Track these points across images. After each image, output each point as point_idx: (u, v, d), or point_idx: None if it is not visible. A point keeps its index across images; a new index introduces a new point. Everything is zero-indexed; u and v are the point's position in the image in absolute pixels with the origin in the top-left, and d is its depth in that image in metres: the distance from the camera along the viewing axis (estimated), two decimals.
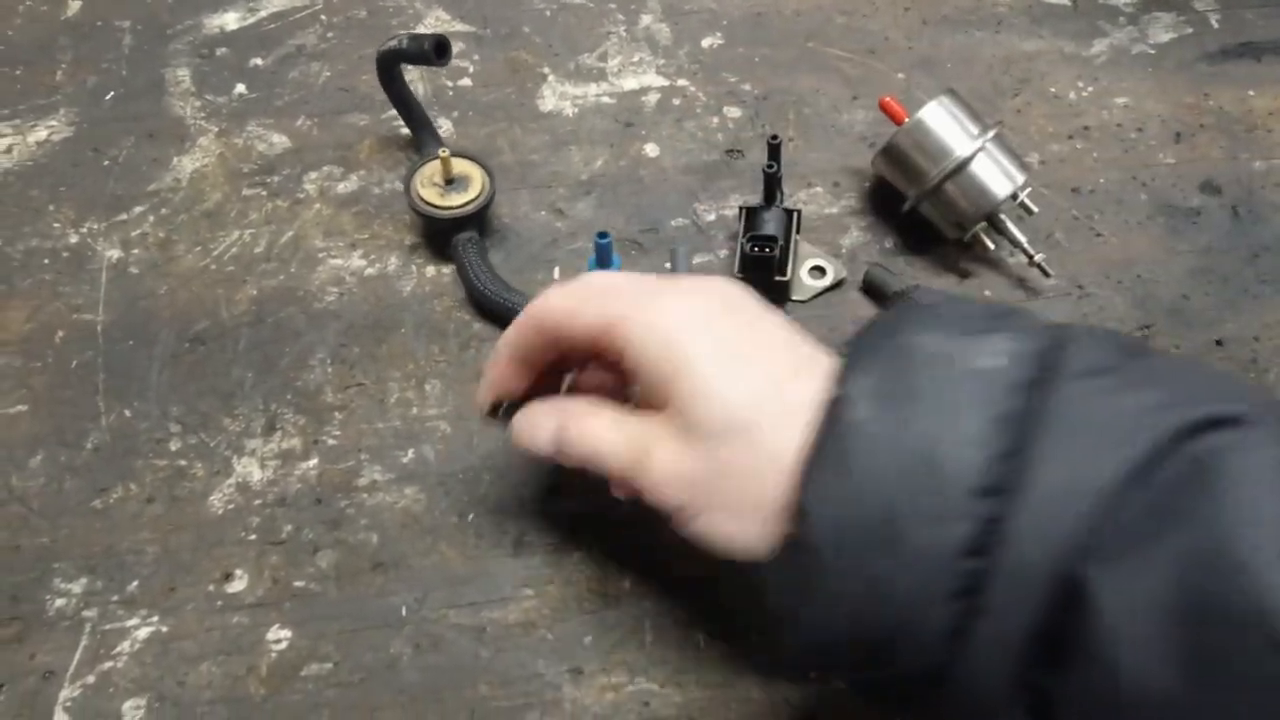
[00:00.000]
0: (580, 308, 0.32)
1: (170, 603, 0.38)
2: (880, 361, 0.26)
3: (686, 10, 0.59)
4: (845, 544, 0.24)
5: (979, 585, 0.23)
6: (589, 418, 0.32)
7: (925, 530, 0.23)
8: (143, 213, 0.50)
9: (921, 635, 0.24)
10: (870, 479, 0.24)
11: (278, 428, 0.43)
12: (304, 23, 0.58)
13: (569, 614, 0.38)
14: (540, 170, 0.51)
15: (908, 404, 0.25)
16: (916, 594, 0.24)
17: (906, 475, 0.24)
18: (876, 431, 0.25)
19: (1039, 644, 0.23)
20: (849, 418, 0.25)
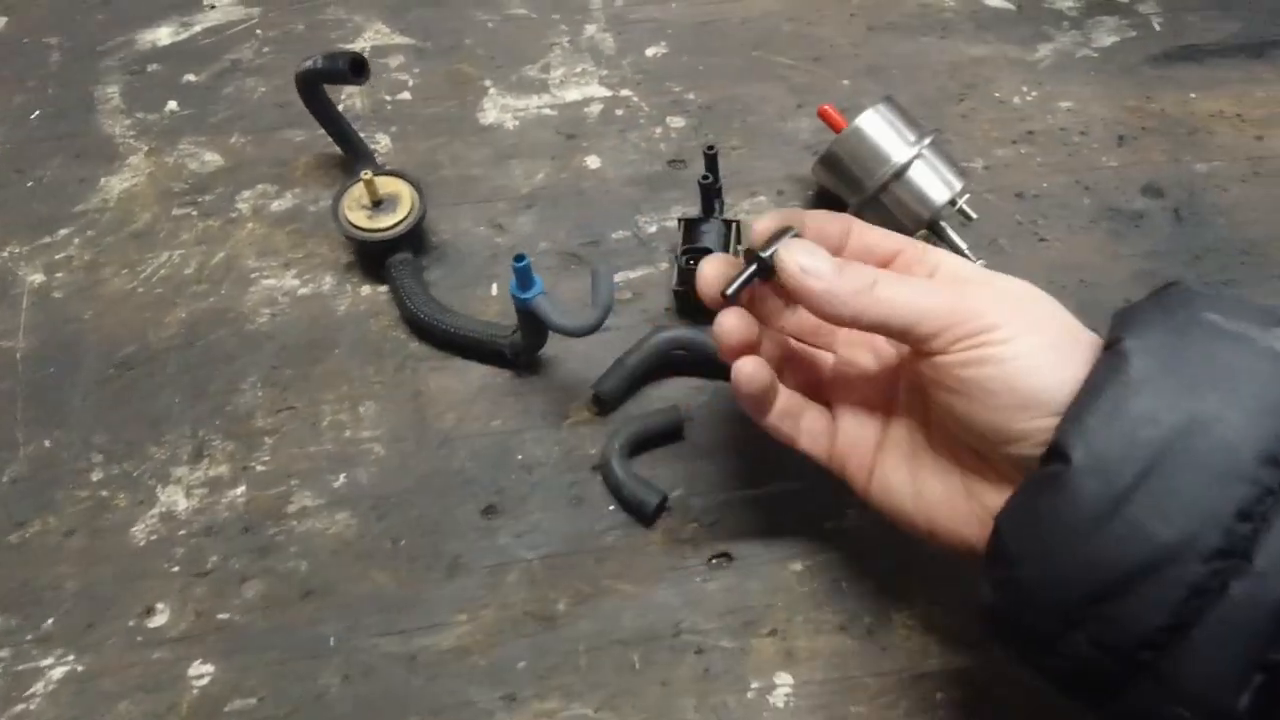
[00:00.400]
0: None
1: (89, 640, 0.37)
2: (1163, 329, 0.27)
3: (631, 20, 0.58)
4: (1110, 487, 0.24)
5: (1243, 550, 0.23)
6: (900, 281, 0.32)
7: (1201, 487, 0.24)
8: (68, 235, 0.48)
9: (1168, 587, 0.24)
10: (1147, 431, 0.25)
11: (206, 454, 0.42)
12: (240, 38, 0.57)
13: (504, 638, 0.37)
14: (481, 185, 0.51)
15: (1199, 368, 0.25)
16: (1177, 545, 0.24)
17: (1188, 433, 0.24)
18: (1160, 387, 0.25)
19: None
20: (1128, 371, 0.26)
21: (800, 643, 0.37)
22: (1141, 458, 0.25)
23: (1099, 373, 0.27)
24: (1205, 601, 0.24)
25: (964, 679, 0.36)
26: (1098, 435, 0.25)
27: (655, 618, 0.38)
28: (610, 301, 0.37)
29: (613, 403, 0.43)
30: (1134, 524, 0.24)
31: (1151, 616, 0.24)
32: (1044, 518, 0.26)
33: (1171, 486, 0.24)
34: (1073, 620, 0.26)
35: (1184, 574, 0.24)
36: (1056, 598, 0.26)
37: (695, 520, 0.40)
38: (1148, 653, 0.24)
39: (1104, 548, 0.25)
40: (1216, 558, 0.23)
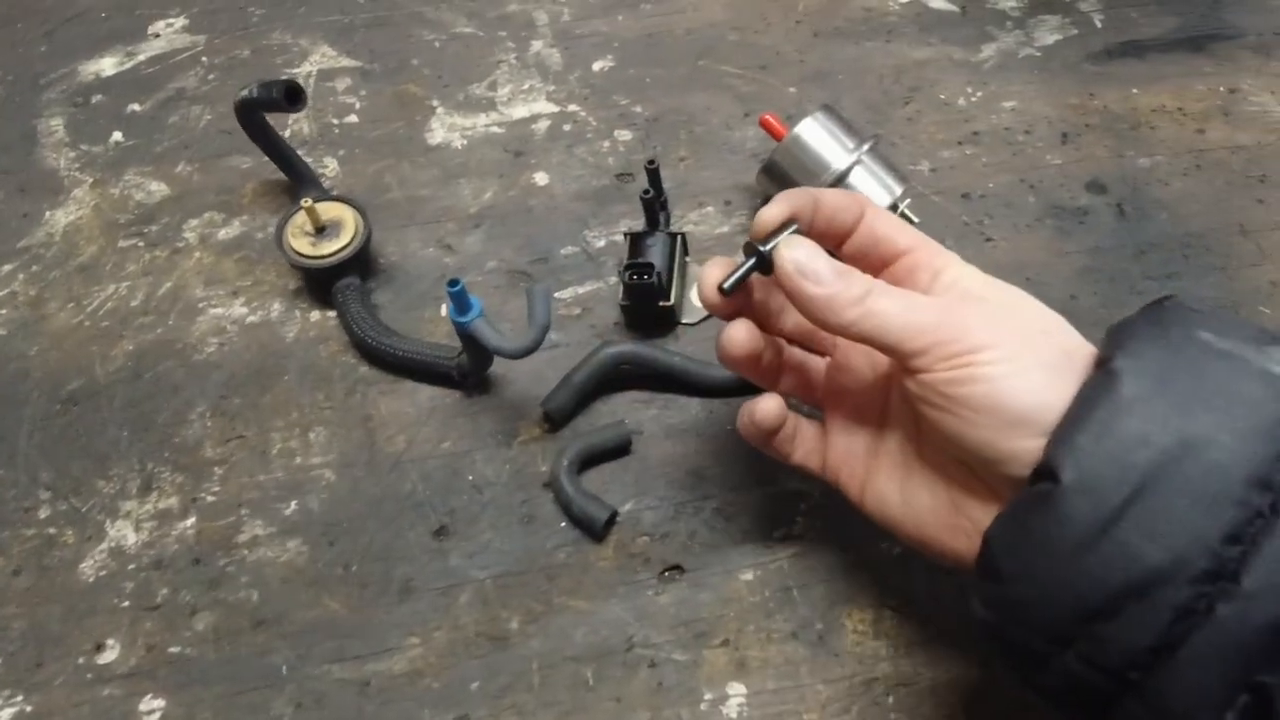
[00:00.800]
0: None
1: (37, 679, 0.37)
2: (1156, 348, 0.27)
3: (578, 34, 0.58)
4: (1100, 508, 0.24)
5: (1231, 572, 0.23)
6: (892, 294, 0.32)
7: (1191, 509, 0.24)
8: (12, 270, 0.48)
9: (1157, 609, 0.24)
10: (1138, 452, 0.25)
11: (154, 487, 0.42)
12: (184, 65, 0.57)
13: (456, 660, 0.37)
14: (429, 205, 0.51)
15: (1191, 389, 0.25)
16: (1165, 568, 0.24)
17: (1179, 455, 0.24)
18: (1151, 409, 0.25)
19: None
20: (1119, 391, 0.26)
21: (752, 652, 0.37)
22: (1132, 479, 0.24)
23: (1090, 391, 0.27)
24: (1192, 623, 0.24)
25: (914, 682, 0.37)
26: (1088, 455, 0.25)
27: (608, 633, 0.38)
28: (547, 320, 0.37)
29: (562, 419, 0.43)
30: (1123, 545, 0.24)
31: (1139, 637, 0.24)
32: (1034, 537, 0.26)
33: (1161, 508, 0.24)
34: (1063, 639, 0.26)
35: (1172, 596, 0.24)
36: (1047, 617, 0.26)
37: (646, 534, 0.40)
38: (1135, 673, 0.25)
39: (1093, 568, 0.25)
40: (1204, 580, 0.23)
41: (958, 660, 0.37)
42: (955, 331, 0.29)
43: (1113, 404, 0.25)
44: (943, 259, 0.33)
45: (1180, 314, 0.28)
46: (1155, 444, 0.25)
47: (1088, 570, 0.25)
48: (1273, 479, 0.24)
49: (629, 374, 0.44)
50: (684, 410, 0.44)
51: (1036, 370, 0.28)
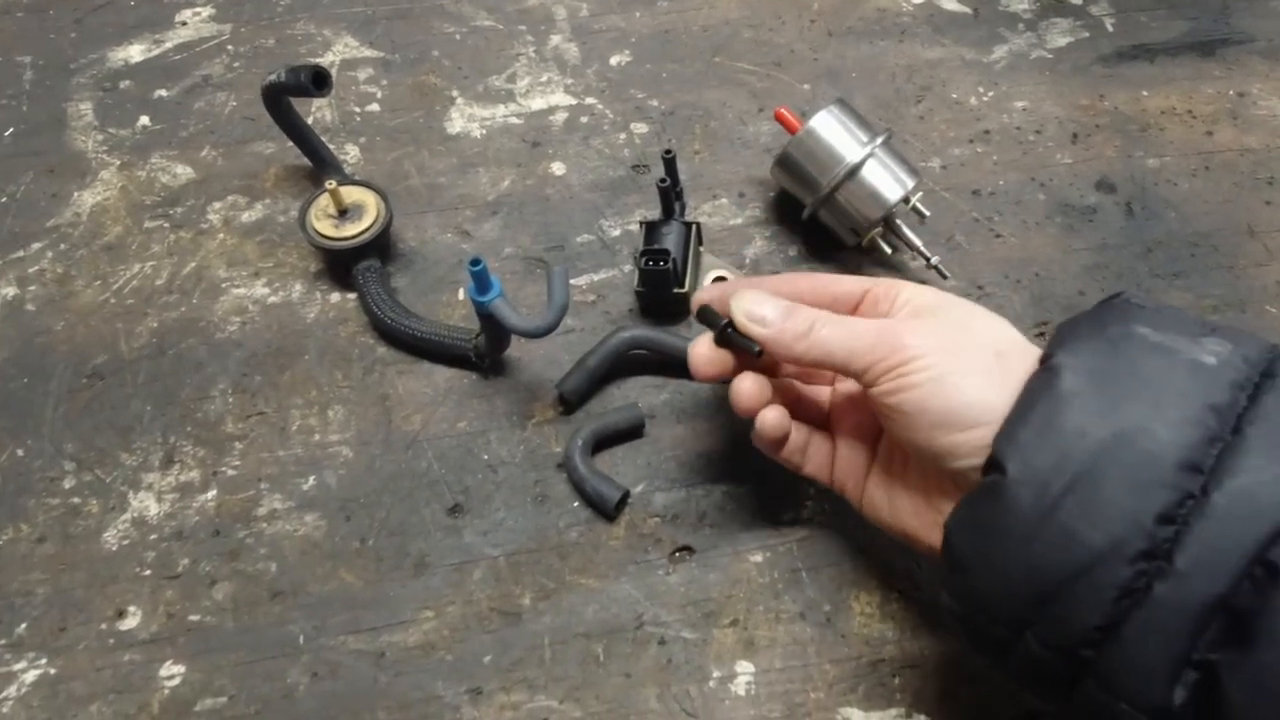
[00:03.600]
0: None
1: (60, 643, 0.38)
2: (1094, 344, 0.28)
3: (595, 29, 0.59)
4: (1043, 496, 0.26)
5: (1165, 551, 0.25)
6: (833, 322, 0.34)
7: (1126, 494, 0.25)
8: (41, 249, 0.49)
9: (1099, 589, 0.25)
10: (1076, 443, 0.26)
11: (176, 460, 0.42)
12: (211, 53, 0.58)
13: (469, 634, 0.38)
14: (447, 193, 0.52)
15: (1125, 382, 0.27)
16: (1104, 550, 0.25)
17: (1114, 445, 0.26)
18: (1087, 402, 0.27)
19: (1220, 617, 0.24)
20: (1059, 387, 0.27)
21: (760, 632, 0.38)
22: (1070, 469, 0.26)
23: (1032, 388, 0.28)
24: (1134, 602, 0.25)
25: (920, 663, 0.37)
26: (1030, 448, 0.27)
27: (618, 611, 0.39)
28: (566, 301, 0.38)
29: (576, 402, 0.44)
30: (1065, 530, 0.26)
31: (1087, 617, 0.25)
32: (985, 526, 0.28)
33: (1098, 495, 0.25)
34: (1020, 623, 0.27)
35: (1112, 576, 0.25)
36: (1004, 603, 0.28)
37: (657, 515, 0.41)
38: (1087, 650, 0.26)
39: (1040, 554, 0.26)
40: (1141, 559, 0.25)
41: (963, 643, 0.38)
42: (889, 348, 0.31)
43: (1052, 399, 0.27)
44: (896, 286, 0.35)
45: (1122, 310, 0.29)
46: (1092, 435, 0.26)
47: (1034, 555, 0.26)
48: (1202, 463, 0.25)
49: (642, 359, 0.45)
50: (696, 395, 0.44)
51: (968, 373, 0.30)
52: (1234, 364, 0.27)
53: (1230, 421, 0.25)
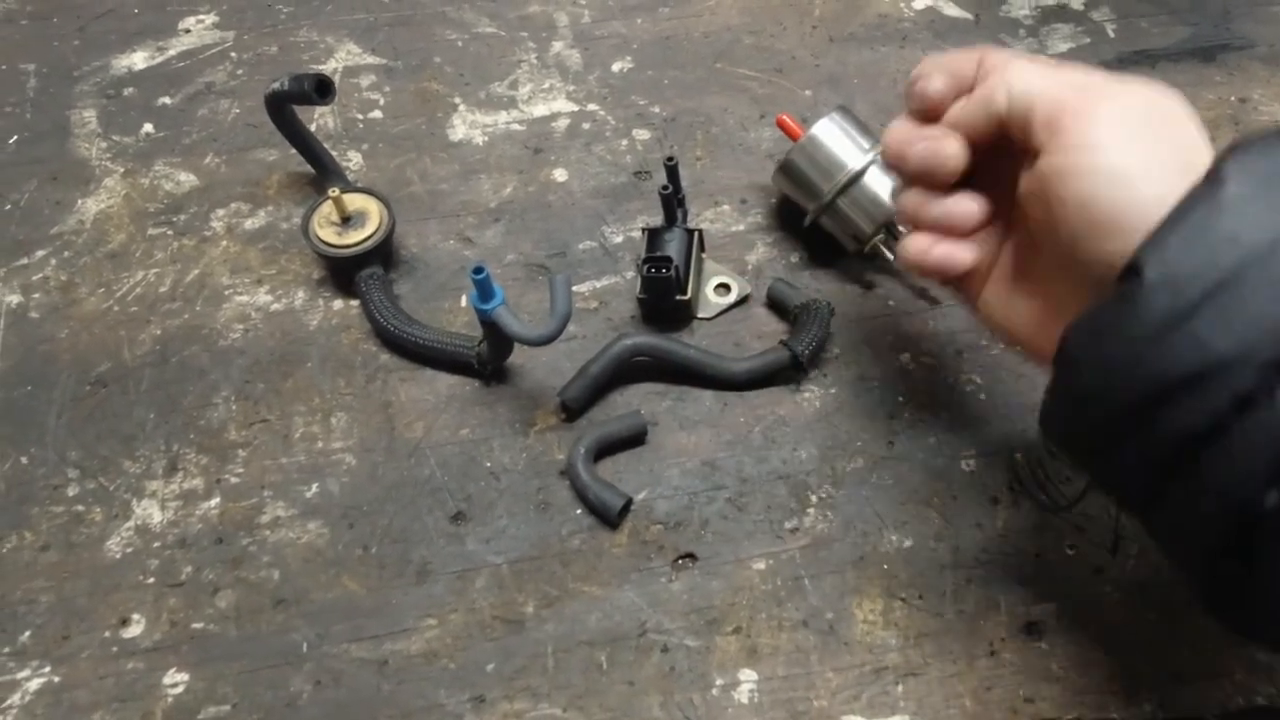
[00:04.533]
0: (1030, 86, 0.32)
1: (64, 651, 0.38)
2: (1269, 153, 0.27)
3: (597, 36, 0.60)
4: (1178, 301, 0.25)
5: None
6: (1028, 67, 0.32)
7: (1268, 303, 0.24)
8: (44, 256, 0.49)
9: (1216, 391, 0.25)
10: (1226, 249, 0.25)
11: (179, 468, 0.42)
12: (213, 60, 0.58)
13: (472, 642, 0.38)
14: (449, 199, 0.52)
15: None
16: (1232, 357, 0.25)
17: (1264, 254, 0.25)
18: (1249, 211, 0.25)
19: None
20: (1221, 194, 0.26)
21: (763, 639, 0.38)
22: (1214, 276, 0.25)
23: (1193, 194, 0.27)
24: (1248, 407, 0.24)
25: (922, 672, 0.37)
26: (1174, 252, 0.26)
27: (621, 618, 0.39)
28: (568, 310, 0.38)
29: (578, 409, 0.44)
30: (1194, 336, 0.25)
31: (1195, 422, 0.25)
32: (1108, 328, 0.27)
33: (1240, 302, 0.25)
34: (1122, 429, 0.27)
35: (1233, 383, 0.24)
36: (1109, 404, 0.27)
37: (659, 522, 0.41)
38: (1186, 457, 0.26)
39: (1161, 358, 0.25)
40: (1270, 368, 0.24)
41: (965, 652, 0.38)
42: (1084, 114, 0.28)
43: (1212, 206, 0.26)
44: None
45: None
46: (1245, 243, 0.25)
47: (1155, 359, 0.25)
48: None
49: (645, 366, 0.45)
50: (698, 402, 0.44)
51: (1156, 180, 0.28)
52: None
53: None
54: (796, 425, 0.44)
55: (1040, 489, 0.42)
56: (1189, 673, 0.37)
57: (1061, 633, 0.38)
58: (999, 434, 0.43)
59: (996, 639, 0.38)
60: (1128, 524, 0.41)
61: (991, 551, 0.40)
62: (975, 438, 0.43)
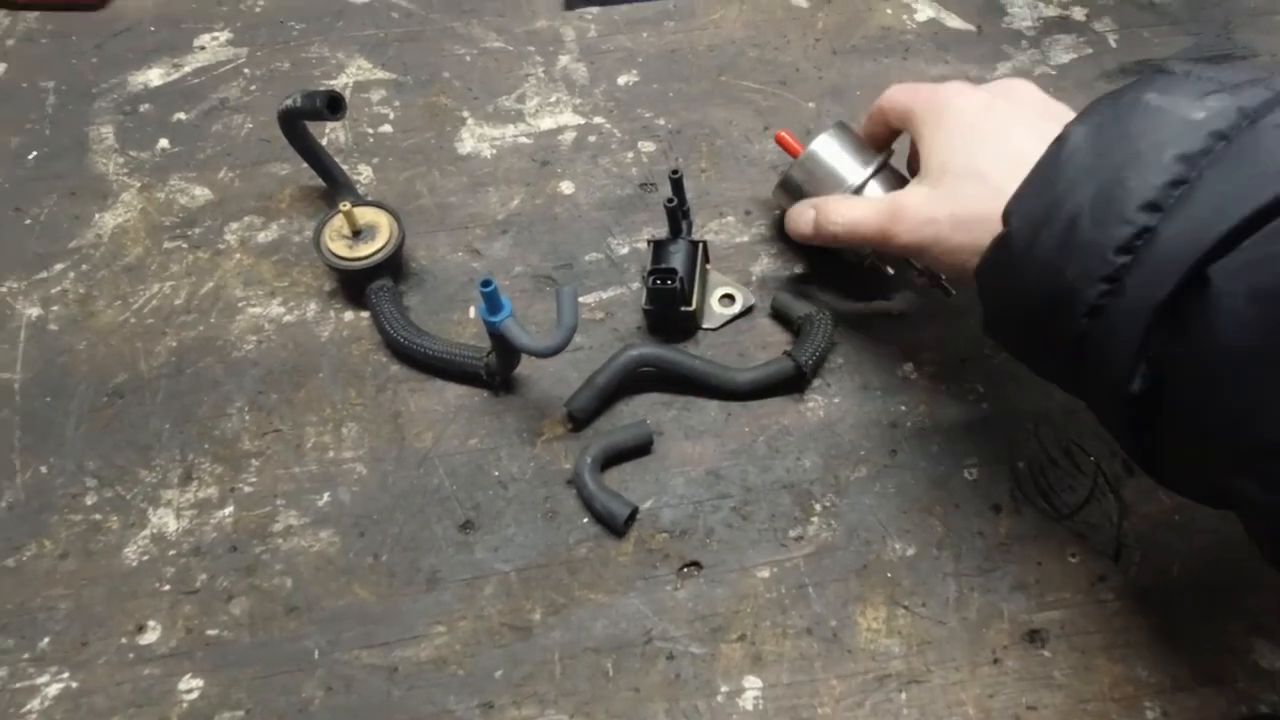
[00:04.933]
0: (897, 97, 0.44)
1: (82, 657, 0.39)
2: (1105, 111, 0.33)
3: (603, 50, 0.60)
4: (1035, 240, 0.32)
5: (1122, 275, 0.30)
6: (843, 201, 0.44)
7: (1096, 231, 0.30)
8: (63, 270, 0.50)
9: (1074, 306, 0.31)
10: (1067, 194, 0.31)
11: (194, 477, 0.43)
12: (227, 76, 0.59)
13: (480, 648, 0.39)
14: (458, 212, 0.53)
15: (1116, 142, 0.31)
16: (1076, 276, 0.31)
17: (1095, 192, 0.31)
18: (1081, 160, 0.32)
19: (1162, 318, 0.29)
20: (1062, 151, 0.33)
21: (767, 647, 0.39)
22: (1058, 216, 0.31)
23: (1043, 157, 0.33)
24: (1099, 314, 0.31)
25: (926, 680, 0.38)
26: (1027, 202, 0.33)
27: (627, 625, 0.39)
28: (575, 322, 0.39)
29: (585, 419, 0.44)
30: (1048, 264, 0.32)
31: (1066, 329, 0.32)
32: (994, 266, 0.35)
33: (1074, 235, 0.31)
34: (1027, 339, 0.35)
35: (1083, 297, 0.31)
36: (1011, 323, 0.36)
37: (665, 531, 0.42)
38: (1074, 357, 0.33)
39: (1028, 286, 0.33)
40: (1103, 281, 0.30)
41: (968, 659, 0.38)
42: (895, 224, 0.41)
43: (1053, 164, 0.33)
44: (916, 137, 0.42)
45: (1142, 81, 0.33)
46: (1080, 187, 0.31)
47: (1028, 285, 0.33)
48: (1162, 202, 0.30)
49: (650, 376, 0.45)
50: (703, 412, 0.45)
51: (967, 240, 0.37)
52: (1224, 115, 0.30)
53: (1197, 166, 0.29)
54: (800, 434, 0.44)
55: (1042, 497, 0.42)
56: (1192, 680, 0.37)
57: (1064, 640, 0.38)
58: (1001, 443, 0.44)
59: (999, 646, 0.38)
60: (1130, 532, 0.41)
61: (994, 559, 0.40)
62: (977, 446, 0.44)
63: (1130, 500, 0.42)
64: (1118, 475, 0.43)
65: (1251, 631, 0.38)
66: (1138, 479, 0.42)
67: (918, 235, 0.39)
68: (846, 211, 0.42)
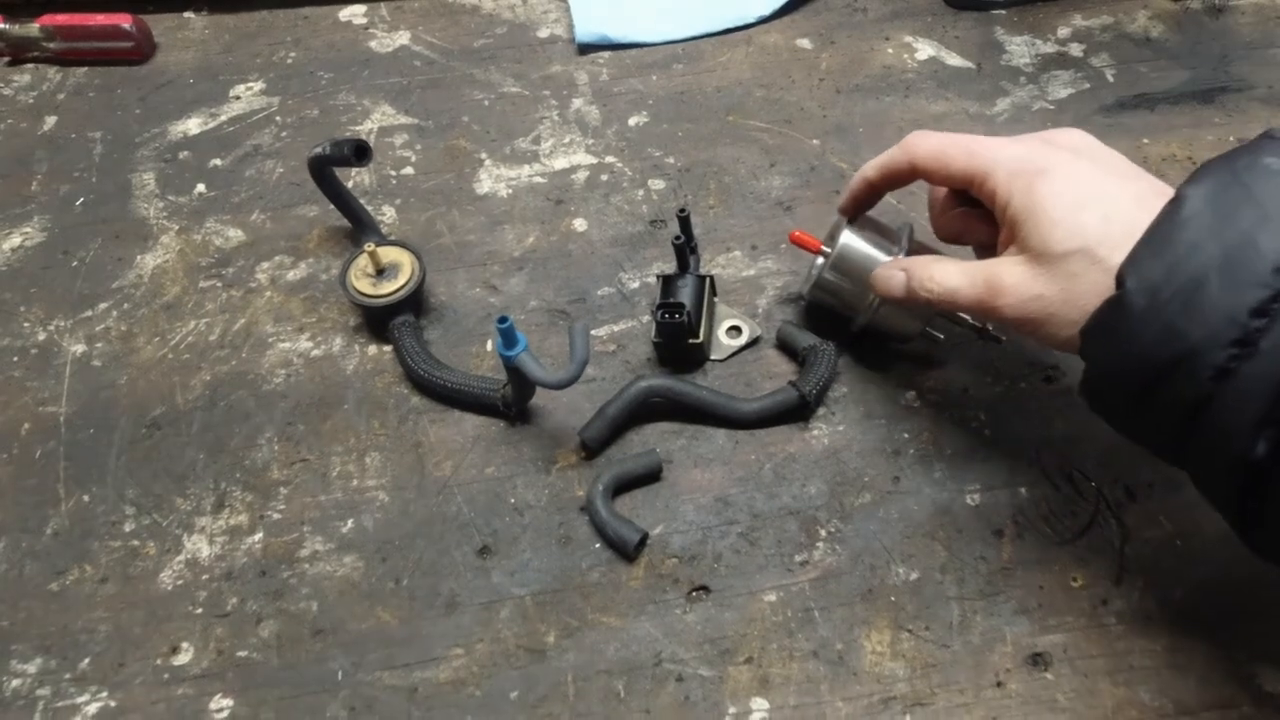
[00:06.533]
0: (951, 156, 0.41)
1: (119, 677, 0.40)
2: (1222, 174, 0.33)
3: (615, 92, 0.63)
4: (1153, 302, 0.32)
5: (1255, 339, 0.30)
6: (936, 264, 0.41)
7: (1226, 293, 0.30)
8: (107, 308, 0.53)
9: (1198, 370, 0.31)
10: (1188, 256, 0.31)
11: (226, 505, 0.45)
12: (261, 124, 0.63)
13: (497, 670, 0.40)
14: (476, 250, 0.55)
15: (1240, 205, 0.31)
16: (1202, 339, 0.31)
17: (1222, 255, 0.31)
18: (1203, 222, 0.32)
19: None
20: (1180, 213, 0.32)
21: (774, 669, 0.40)
22: (1180, 279, 0.31)
23: (1158, 218, 0.33)
24: (1226, 377, 0.30)
25: (930, 702, 0.38)
26: (1145, 263, 0.32)
27: (638, 648, 0.40)
28: (586, 357, 0.41)
29: (597, 448, 0.46)
30: (1170, 327, 0.31)
31: (1187, 393, 0.31)
32: (1106, 329, 0.34)
33: (1201, 297, 0.31)
34: (1137, 403, 0.34)
35: (1210, 358, 0.30)
36: (1121, 387, 0.34)
37: (674, 556, 0.43)
38: (1190, 421, 0.32)
39: (1147, 348, 0.32)
40: (1233, 345, 0.30)
41: (972, 682, 0.39)
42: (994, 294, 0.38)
43: (1171, 223, 0.32)
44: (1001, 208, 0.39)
45: (1256, 145, 0.33)
46: (1204, 249, 0.31)
47: (1142, 349, 0.32)
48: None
49: (660, 406, 0.47)
50: (711, 441, 0.46)
51: (1074, 320, 0.35)
52: None
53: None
54: (806, 462, 0.45)
55: (1044, 522, 0.43)
56: (1195, 705, 0.38)
57: (1067, 664, 0.39)
58: (1003, 469, 0.45)
59: (1002, 670, 0.39)
60: (1132, 557, 0.42)
61: (997, 584, 0.41)
62: (979, 473, 0.45)
63: (1132, 526, 0.43)
64: (1119, 501, 0.43)
65: (1256, 657, 0.39)
66: (1139, 505, 0.43)
67: (1024, 311, 0.36)
68: (941, 278, 0.40)
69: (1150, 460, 0.44)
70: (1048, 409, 0.47)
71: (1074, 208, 0.35)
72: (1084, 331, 0.34)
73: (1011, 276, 0.37)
